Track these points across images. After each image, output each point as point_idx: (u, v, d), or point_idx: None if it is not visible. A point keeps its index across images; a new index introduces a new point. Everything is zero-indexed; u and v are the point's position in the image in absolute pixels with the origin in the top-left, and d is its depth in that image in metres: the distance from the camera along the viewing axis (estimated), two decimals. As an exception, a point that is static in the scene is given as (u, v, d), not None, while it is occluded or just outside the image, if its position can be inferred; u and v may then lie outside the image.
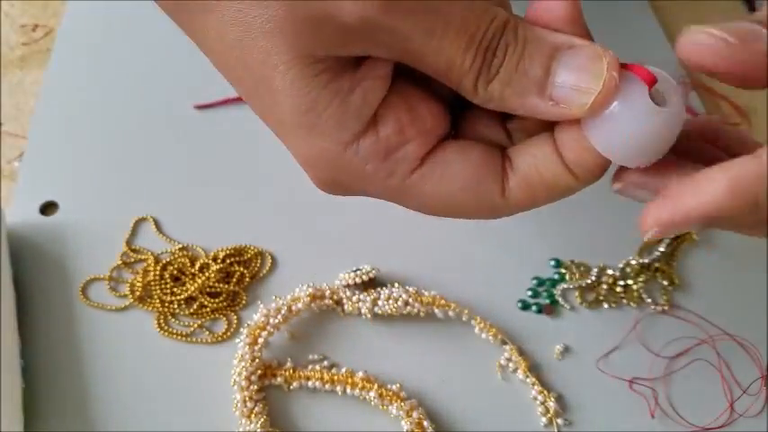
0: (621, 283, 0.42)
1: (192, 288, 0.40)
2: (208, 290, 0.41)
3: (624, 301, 0.41)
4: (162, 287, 0.41)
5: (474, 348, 0.39)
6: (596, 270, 0.42)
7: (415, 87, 0.27)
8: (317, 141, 0.26)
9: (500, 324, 0.40)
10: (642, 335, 0.40)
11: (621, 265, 0.42)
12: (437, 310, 0.39)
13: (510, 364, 0.39)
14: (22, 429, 0.35)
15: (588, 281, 0.42)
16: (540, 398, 0.38)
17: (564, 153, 0.26)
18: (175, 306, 0.40)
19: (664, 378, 0.39)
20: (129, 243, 0.43)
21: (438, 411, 0.37)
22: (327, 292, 0.39)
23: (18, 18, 0.55)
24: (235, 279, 0.41)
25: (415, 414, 0.36)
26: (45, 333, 0.39)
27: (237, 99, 0.47)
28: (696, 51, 0.24)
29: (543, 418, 0.37)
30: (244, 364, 0.37)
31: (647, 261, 0.42)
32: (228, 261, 0.42)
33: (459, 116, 0.29)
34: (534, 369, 0.39)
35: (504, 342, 0.39)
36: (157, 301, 0.40)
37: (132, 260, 0.42)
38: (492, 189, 0.27)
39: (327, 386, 0.37)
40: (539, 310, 0.41)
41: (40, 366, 0.38)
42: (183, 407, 0.37)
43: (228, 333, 0.39)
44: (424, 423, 0.36)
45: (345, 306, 0.39)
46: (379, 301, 0.39)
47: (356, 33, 0.24)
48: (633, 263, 0.42)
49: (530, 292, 0.42)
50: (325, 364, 0.38)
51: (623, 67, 0.25)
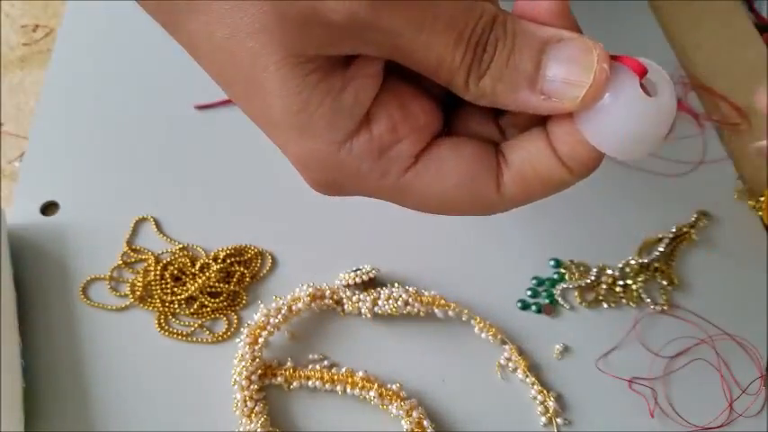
0: (621, 282, 0.42)
1: (193, 288, 0.40)
2: (208, 290, 0.41)
3: (623, 300, 0.41)
4: (162, 287, 0.41)
5: (474, 348, 0.40)
6: (596, 270, 0.42)
7: (407, 85, 0.27)
8: (309, 142, 0.26)
9: (500, 324, 0.40)
10: (641, 335, 0.40)
11: (621, 265, 0.42)
12: (437, 310, 0.39)
13: (510, 364, 0.39)
14: (22, 429, 0.35)
15: (588, 281, 0.42)
16: (540, 397, 0.38)
17: (557, 147, 0.26)
18: (176, 306, 0.40)
19: (663, 378, 0.39)
20: (130, 243, 0.43)
21: (438, 411, 0.38)
22: (327, 292, 0.39)
23: (18, 18, 0.55)
24: (235, 279, 0.41)
25: (415, 413, 0.36)
26: (45, 333, 0.39)
27: (238, 99, 0.47)
28: None
29: (543, 418, 0.37)
30: (244, 363, 0.37)
31: (646, 261, 0.42)
32: (229, 261, 0.42)
33: (452, 113, 0.28)
34: (534, 369, 0.39)
35: (504, 342, 0.39)
36: (158, 300, 0.40)
37: (133, 260, 0.42)
38: (487, 185, 0.27)
39: (327, 386, 0.37)
40: (538, 310, 0.41)
41: (41, 366, 0.38)
42: (184, 407, 0.37)
43: (229, 333, 0.40)
44: (424, 423, 0.36)
45: (345, 306, 0.39)
46: (379, 301, 0.39)
47: (345, 31, 0.24)
48: (632, 263, 0.42)
49: (529, 292, 0.42)
50: (326, 363, 0.38)
51: (613, 58, 0.24)
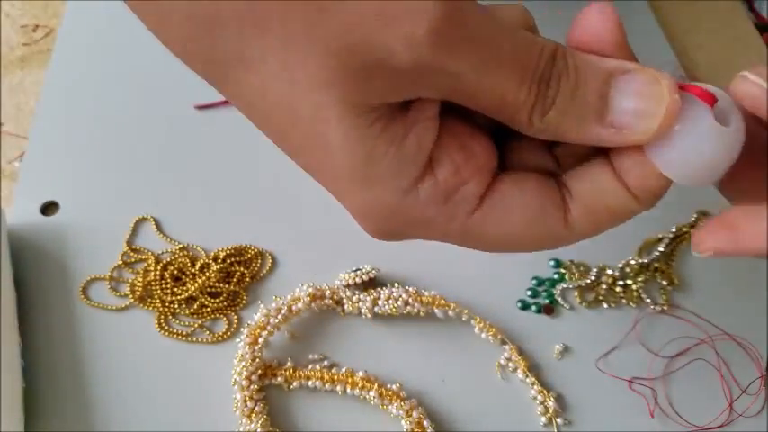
0: (621, 282, 0.42)
1: (193, 288, 0.40)
2: (208, 290, 0.41)
3: (623, 300, 0.41)
4: (162, 287, 0.41)
5: (474, 348, 0.40)
6: (596, 270, 0.42)
7: (462, 123, 0.26)
8: (373, 192, 0.25)
9: (500, 324, 0.40)
10: (641, 334, 0.40)
11: (621, 265, 0.42)
12: (437, 310, 0.39)
13: (510, 364, 0.39)
14: (22, 429, 0.35)
15: (588, 281, 0.42)
16: (540, 397, 0.38)
17: (626, 178, 0.25)
18: (176, 306, 0.40)
19: (663, 378, 0.39)
20: (130, 243, 0.43)
21: (438, 411, 0.38)
22: (327, 292, 0.39)
23: (18, 18, 0.55)
24: (235, 279, 0.41)
25: (415, 414, 0.36)
26: (45, 333, 0.39)
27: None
28: (749, 101, 0.24)
29: (543, 418, 0.37)
30: (244, 363, 0.37)
31: (646, 261, 0.42)
32: (229, 261, 0.42)
33: (504, 146, 0.28)
34: (534, 369, 0.39)
35: (504, 342, 0.39)
36: (158, 300, 0.40)
37: (133, 260, 0.42)
38: (555, 220, 0.26)
39: (327, 386, 0.37)
40: (538, 310, 0.41)
41: (41, 366, 0.38)
42: (183, 407, 0.37)
43: (229, 333, 0.40)
44: (424, 423, 0.36)
45: (345, 306, 0.39)
46: (379, 301, 0.39)
47: (409, 77, 0.23)
48: (632, 263, 0.42)
49: (529, 292, 0.42)
50: (326, 363, 0.38)
51: (681, 87, 0.24)
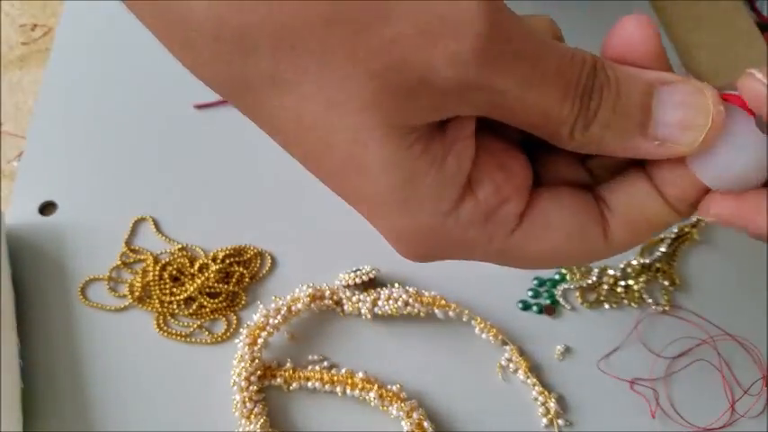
0: (622, 283, 0.42)
1: (192, 288, 0.40)
2: (207, 290, 0.41)
3: (625, 301, 0.41)
4: (161, 287, 0.40)
5: (474, 349, 0.39)
6: (597, 270, 0.42)
7: (497, 140, 0.26)
8: (414, 216, 0.24)
9: (500, 324, 0.40)
10: (643, 335, 0.40)
11: (622, 266, 0.42)
12: (437, 311, 0.39)
13: (510, 365, 0.39)
14: (20, 430, 0.35)
15: (589, 281, 0.41)
16: (541, 398, 0.38)
17: (665, 190, 0.25)
18: (175, 306, 0.40)
19: (665, 378, 0.39)
20: (129, 243, 0.43)
21: (438, 412, 0.37)
22: (327, 293, 0.39)
23: (17, 18, 0.55)
24: (234, 279, 0.41)
25: (415, 415, 0.36)
26: (44, 333, 0.39)
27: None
28: (754, 99, 0.23)
29: (544, 419, 0.37)
30: (243, 364, 0.37)
31: (648, 261, 0.42)
32: (228, 261, 0.42)
33: (536, 160, 0.27)
34: (535, 369, 0.39)
35: (505, 342, 0.39)
36: (157, 301, 0.40)
37: (131, 260, 0.42)
38: (595, 234, 0.26)
39: (327, 387, 0.37)
40: (539, 311, 0.41)
41: (39, 367, 0.38)
42: (183, 407, 0.37)
43: (228, 333, 0.39)
44: (425, 424, 0.36)
45: (345, 306, 0.39)
46: (379, 302, 0.39)
47: (452, 95, 0.22)
48: (634, 263, 0.42)
49: (530, 293, 0.42)
50: (325, 364, 0.38)
51: (723, 96, 0.24)
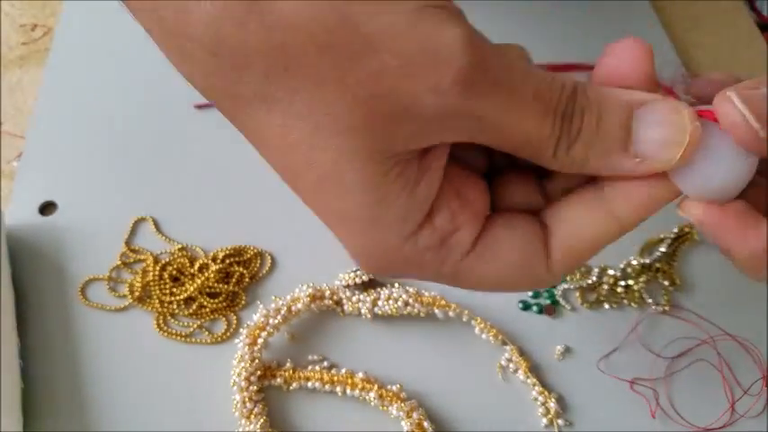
0: (622, 283, 0.42)
1: (192, 288, 0.40)
2: (207, 290, 0.41)
3: (625, 301, 0.41)
4: (161, 287, 0.40)
5: (474, 349, 0.39)
6: (597, 270, 0.42)
7: (457, 167, 0.27)
8: (379, 235, 0.26)
9: (500, 325, 0.40)
10: (643, 335, 0.40)
11: (622, 266, 0.42)
12: (437, 311, 0.39)
13: (510, 365, 0.39)
14: (20, 430, 0.35)
15: (589, 281, 0.41)
16: (541, 398, 0.38)
17: (615, 208, 0.26)
18: (175, 306, 0.40)
19: (665, 378, 0.39)
20: (129, 243, 0.43)
21: (438, 412, 0.37)
22: (327, 293, 0.39)
23: (17, 18, 0.55)
24: (234, 279, 0.41)
25: (415, 415, 0.36)
26: (44, 333, 0.39)
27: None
28: (729, 125, 0.24)
29: (544, 419, 0.37)
30: (243, 364, 0.37)
31: (648, 261, 0.42)
32: (228, 261, 0.42)
33: (495, 185, 0.28)
34: (535, 369, 0.39)
35: (505, 343, 0.39)
36: (156, 301, 0.40)
37: (131, 260, 0.42)
38: (539, 263, 0.27)
39: (327, 387, 0.37)
40: (539, 311, 0.41)
41: (39, 367, 0.38)
42: (183, 407, 0.37)
43: (228, 333, 0.39)
44: (425, 424, 0.36)
45: (345, 306, 0.39)
46: (379, 302, 0.39)
47: (435, 123, 0.23)
48: (634, 263, 0.42)
49: (530, 293, 0.42)
50: (325, 364, 0.38)
51: (701, 114, 0.25)
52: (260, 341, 0.37)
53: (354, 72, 0.22)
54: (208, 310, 0.40)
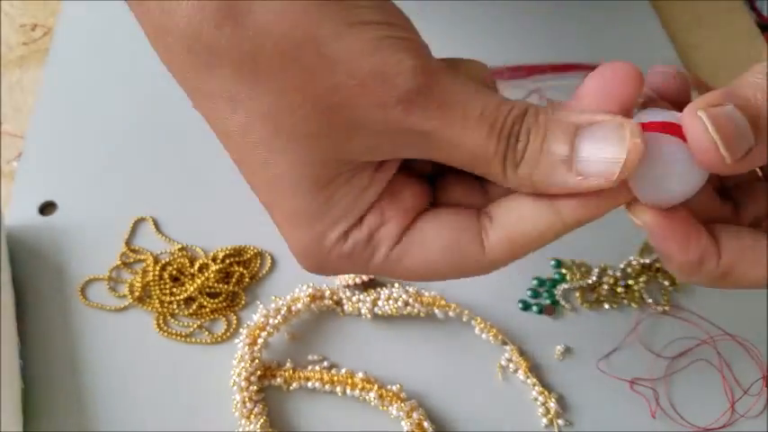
0: (622, 283, 0.42)
1: (192, 288, 0.40)
2: (207, 290, 0.41)
3: (625, 301, 0.41)
4: (161, 287, 0.40)
5: (474, 349, 0.39)
6: (597, 270, 0.42)
7: (399, 172, 0.28)
8: (316, 233, 0.27)
9: (500, 325, 0.40)
10: (643, 335, 0.40)
11: (622, 266, 0.42)
12: (437, 311, 0.39)
13: (510, 365, 0.39)
14: (20, 430, 0.35)
15: (589, 281, 0.41)
16: (541, 398, 0.38)
17: (559, 203, 0.26)
18: (174, 306, 0.40)
19: (665, 378, 0.39)
20: (129, 243, 0.43)
21: (438, 412, 0.37)
22: (327, 293, 0.39)
23: (17, 18, 0.55)
24: (234, 279, 0.41)
25: (415, 415, 0.36)
26: (44, 333, 0.39)
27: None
28: (696, 144, 0.25)
29: (544, 419, 0.37)
30: (243, 364, 0.37)
31: (648, 261, 0.42)
32: (228, 261, 0.42)
33: (437, 185, 0.29)
34: (535, 369, 0.39)
35: (505, 343, 0.39)
36: (156, 301, 0.40)
37: (131, 260, 0.42)
38: (472, 247, 0.27)
39: (327, 387, 0.37)
40: (539, 311, 0.41)
41: (39, 367, 0.38)
42: (183, 407, 0.37)
43: (228, 333, 0.39)
44: (425, 424, 0.36)
45: (345, 306, 0.39)
46: (379, 302, 0.39)
47: (385, 139, 0.25)
48: (634, 263, 0.42)
49: (530, 293, 0.42)
50: (325, 364, 0.38)
51: (660, 125, 0.25)
52: (260, 341, 0.37)
53: (314, 85, 0.24)
54: (208, 310, 0.40)
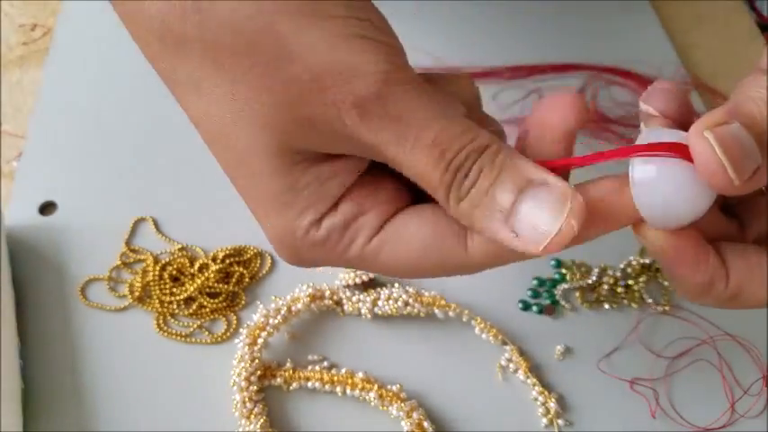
0: (623, 283, 0.42)
1: (192, 288, 0.40)
2: (207, 290, 0.41)
3: (625, 301, 0.41)
4: (161, 287, 0.40)
5: (474, 349, 0.39)
6: (597, 270, 0.42)
7: (381, 169, 0.28)
8: (287, 219, 0.27)
9: (500, 325, 0.40)
10: (643, 335, 0.40)
11: (623, 266, 0.42)
12: (437, 311, 0.39)
13: (510, 365, 0.39)
14: (20, 430, 0.35)
15: (589, 281, 0.41)
16: (541, 398, 0.38)
17: None
18: (174, 306, 0.40)
19: (665, 378, 0.39)
20: (129, 243, 0.43)
21: (438, 412, 0.37)
22: (327, 293, 0.39)
23: (17, 18, 0.55)
24: (234, 279, 0.41)
25: (415, 415, 0.36)
26: (44, 333, 0.39)
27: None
28: (704, 165, 0.24)
29: (544, 419, 0.37)
30: (243, 364, 0.37)
31: (648, 261, 0.42)
32: (228, 261, 0.42)
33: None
34: (535, 369, 0.39)
35: (505, 343, 0.39)
36: (156, 301, 0.40)
37: (131, 260, 0.42)
38: (453, 245, 0.27)
39: (327, 387, 0.37)
40: (539, 311, 0.41)
41: (39, 367, 0.38)
42: (183, 407, 0.37)
43: (228, 334, 0.39)
44: (425, 424, 0.36)
45: (345, 306, 0.39)
46: (379, 302, 0.39)
47: (341, 138, 0.25)
48: (634, 263, 0.42)
49: (530, 293, 0.42)
50: (325, 364, 0.38)
51: (666, 146, 0.25)
52: (260, 341, 0.37)
53: (271, 78, 0.25)
54: (208, 310, 0.40)
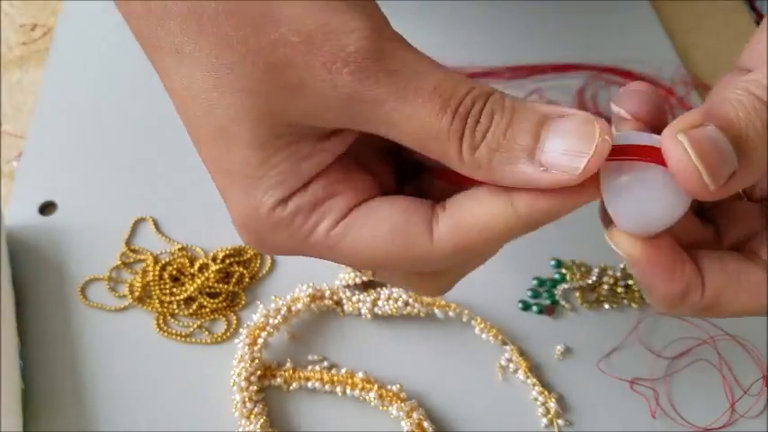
0: (623, 283, 0.42)
1: (192, 288, 0.40)
2: (207, 290, 0.41)
3: (625, 301, 0.41)
4: (161, 287, 0.40)
5: (474, 349, 0.39)
6: (597, 270, 0.42)
7: (367, 151, 0.28)
8: (253, 196, 0.26)
9: (501, 325, 0.40)
10: (643, 335, 0.40)
11: (622, 266, 0.42)
12: (437, 311, 0.39)
13: (510, 365, 0.39)
14: (21, 430, 0.35)
15: (589, 281, 0.41)
16: (541, 398, 0.38)
17: (516, 198, 0.25)
18: (174, 306, 0.40)
19: (665, 378, 0.39)
20: (129, 243, 0.43)
21: (438, 412, 0.37)
22: (327, 293, 0.39)
23: (17, 18, 0.55)
24: (234, 279, 0.41)
25: (415, 415, 0.36)
26: (44, 333, 0.39)
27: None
28: (677, 167, 0.24)
29: (544, 419, 0.37)
30: (243, 364, 0.37)
31: (647, 261, 0.42)
32: (228, 261, 0.42)
33: (405, 182, 0.29)
34: (535, 369, 0.39)
35: (505, 343, 0.39)
36: (156, 301, 0.40)
37: (131, 260, 0.42)
38: (419, 232, 0.26)
39: (327, 387, 0.37)
40: (539, 311, 0.41)
41: (39, 367, 0.38)
42: (183, 407, 0.37)
43: (228, 334, 0.39)
44: (425, 424, 0.36)
45: (345, 306, 0.39)
46: (379, 302, 0.39)
47: (332, 103, 0.24)
48: (634, 263, 0.42)
49: (530, 293, 0.42)
50: (325, 364, 0.38)
51: (639, 149, 0.24)
52: (260, 341, 0.37)
53: (256, 39, 0.24)
54: (208, 310, 0.40)
